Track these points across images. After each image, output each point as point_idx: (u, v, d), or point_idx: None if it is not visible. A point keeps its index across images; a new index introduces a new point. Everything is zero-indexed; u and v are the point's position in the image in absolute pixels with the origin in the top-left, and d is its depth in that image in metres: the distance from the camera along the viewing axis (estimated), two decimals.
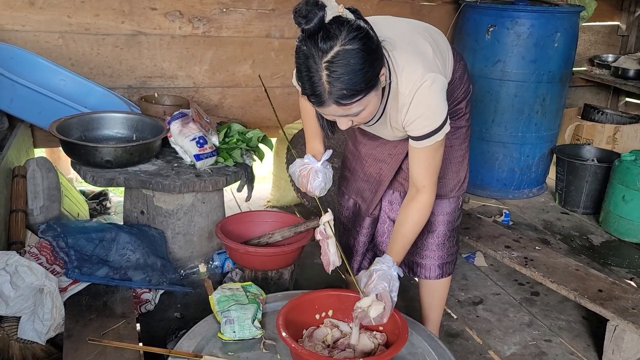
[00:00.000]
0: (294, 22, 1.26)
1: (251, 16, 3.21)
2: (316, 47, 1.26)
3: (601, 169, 3.35)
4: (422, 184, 1.59)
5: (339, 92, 1.29)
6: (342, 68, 1.27)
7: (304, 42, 1.28)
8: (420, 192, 1.60)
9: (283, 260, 2.09)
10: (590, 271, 2.38)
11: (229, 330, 1.57)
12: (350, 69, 1.27)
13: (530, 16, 3.28)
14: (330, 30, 1.25)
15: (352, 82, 1.29)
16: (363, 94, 1.33)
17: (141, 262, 2.11)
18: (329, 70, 1.27)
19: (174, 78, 3.16)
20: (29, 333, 1.76)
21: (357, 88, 1.30)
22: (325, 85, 1.29)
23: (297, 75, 1.34)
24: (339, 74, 1.27)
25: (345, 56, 1.26)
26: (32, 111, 2.51)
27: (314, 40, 1.26)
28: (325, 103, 1.32)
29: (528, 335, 2.33)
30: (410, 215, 1.62)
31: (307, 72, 1.29)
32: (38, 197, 2.31)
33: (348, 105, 1.33)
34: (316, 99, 1.33)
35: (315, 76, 1.28)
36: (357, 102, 1.33)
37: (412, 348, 1.59)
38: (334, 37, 1.26)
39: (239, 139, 2.46)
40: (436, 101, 1.49)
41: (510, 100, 3.42)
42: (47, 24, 2.83)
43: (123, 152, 2.19)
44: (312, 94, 1.32)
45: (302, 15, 1.24)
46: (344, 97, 1.31)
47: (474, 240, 2.67)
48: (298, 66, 1.32)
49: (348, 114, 1.38)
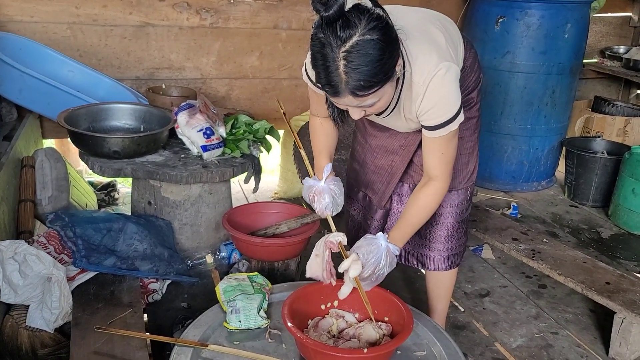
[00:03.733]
0: (312, 9, 1.21)
1: (258, 7, 3.20)
2: (334, 35, 1.22)
3: (611, 162, 3.32)
4: (435, 173, 1.58)
5: (356, 82, 1.26)
6: (360, 59, 1.23)
7: (321, 29, 1.24)
8: (433, 179, 1.59)
9: (289, 251, 2.09)
10: (598, 264, 2.36)
11: (234, 320, 1.58)
12: (369, 59, 1.24)
13: (540, 7, 3.24)
14: (349, 19, 1.22)
15: (370, 74, 1.26)
16: (380, 85, 1.30)
17: (148, 253, 2.13)
18: (347, 60, 1.23)
19: (182, 69, 3.16)
20: (38, 321, 1.78)
21: (374, 79, 1.28)
22: (342, 76, 1.26)
23: (312, 64, 1.31)
24: (356, 65, 1.24)
25: (364, 46, 1.23)
26: (40, 102, 2.52)
27: (333, 28, 1.22)
28: (340, 93, 1.30)
29: (535, 328, 2.32)
30: (419, 199, 1.61)
31: (323, 61, 1.26)
32: (46, 187, 2.32)
33: (364, 97, 1.31)
34: (331, 89, 1.30)
35: (332, 65, 1.25)
36: (373, 94, 1.31)
37: (417, 339, 1.59)
38: (354, 25, 1.22)
39: (246, 130, 2.47)
40: (450, 90, 1.47)
41: (519, 92, 3.40)
42: (55, 15, 2.83)
43: (131, 142, 2.20)
44: (327, 84, 1.29)
45: (321, 1, 1.20)
46: (361, 88, 1.28)
47: (482, 232, 2.66)
48: (313, 54, 1.28)
49: (362, 105, 1.36)
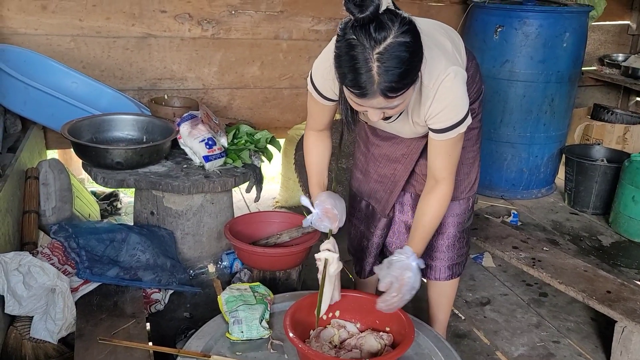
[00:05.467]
0: (345, 10, 1.22)
1: (259, 18, 3.23)
2: (368, 36, 1.23)
3: (611, 169, 3.33)
4: (442, 175, 1.59)
5: (388, 84, 1.27)
6: (393, 60, 1.24)
7: (352, 30, 1.25)
8: (440, 183, 1.60)
9: (291, 261, 2.10)
10: (599, 272, 2.37)
11: (236, 330, 1.59)
12: (401, 61, 1.25)
13: (538, 16, 3.27)
14: (383, 21, 1.23)
15: (402, 75, 1.27)
16: (408, 87, 1.32)
17: (151, 263, 2.14)
18: (380, 61, 1.24)
19: (184, 80, 3.18)
20: (42, 332, 1.79)
21: (405, 81, 1.29)
22: (375, 77, 1.26)
23: (336, 65, 1.31)
24: (388, 66, 1.24)
25: (398, 48, 1.24)
26: (44, 113, 2.54)
27: (367, 29, 1.23)
28: (370, 94, 1.29)
29: (536, 337, 2.33)
30: (431, 206, 1.62)
31: (352, 62, 1.26)
32: (50, 198, 2.34)
33: (393, 98, 1.31)
34: (360, 90, 1.29)
35: (364, 67, 1.25)
36: (401, 95, 1.32)
37: (419, 349, 1.60)
38: (388, 27, 1.23)
39: (248, 140, 2.48)
40: (459, 93, 1.49)
41: (518, 100, 3.42)
42: (59, 28, 2.86)
43: (133, 153, 2.22)
44: (355, 85, 1.29)
45: (356, 3, 1.21)
46: (392, 90, 1.29)
47: (482, 240, 2.67)
48: (339, 55, 1.28)
49: (388, 107, 1.36)
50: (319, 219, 1.68)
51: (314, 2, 3.31)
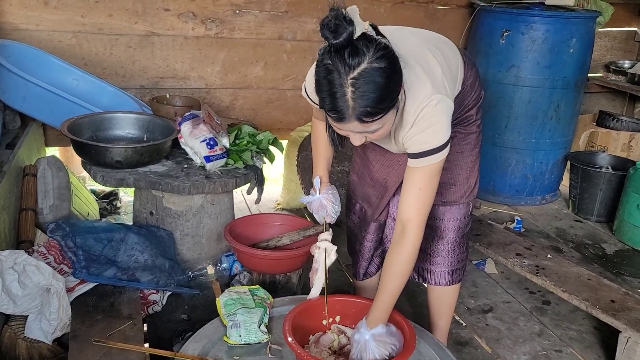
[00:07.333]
0: (321, 36, 1.24)
1: (264, 18, 3.20)
2: (343, 62, 1.24)
3: (615, 177, 3.30)
4: (408, 216, 1.49)
5: (363, 109, 1.27)
6: (367, 85, 1.25)
7: (328, 56, 1.26)
8: (405, 230, 1.49)
9: (291, 264, 2.08)
10: (602, 281, 2.34)
11: (234, 334, 1.56)
12: (376, 87, 1.26)
13: (545, 21, 3.24)
14: (358, 47, 1.24)
15: (377, 100, 1.27)
16: (385, 112, 1.32)
17: (149, 263, 2.11)
18: (354, 87, 1.25)
19: (186, 79, 3.16)
20: (36, 332, 1.76)
21: (380, 106, 1.29)
22: (349, 102, 1.27)
23: (316, 89, 1.32)
24: (363, 91, 1.25)
25: (372, 74, 1.25)
26: (44, 110, 2.51)
27: (341, 55, 1.24)
28: (346, 119, 1.30)
29: (538, 345, 2.30)
30: (397, 264, 1.51)
31: (329, 87, 1.27)
32: (48, 196, 2.31)
33: (369, 123, 1.31)
34: (337, 115, 1.30)
35: (339, 92, 1.26)
36: (378, 120, 1.32)
37: (420, 357, 1.57)
38: (362, 53, 1.24)
39: (250, 141, 2.45)
40: (439, 120, 1.46)
41: (524, 105, 3.39)
42: (61, 24, 2.84)
43: (133, 152, 2.19)
44: (332, 109, 1.30)
45: (331, 29, 1.22)
46: (367, 115, 1.29)
47: (485, 247, 2.64)
48: (319, 80, 1.30)
49: (366, 131, 1.36)
50: (319, 205, 1.74)
51: (319, 3, 3.28)
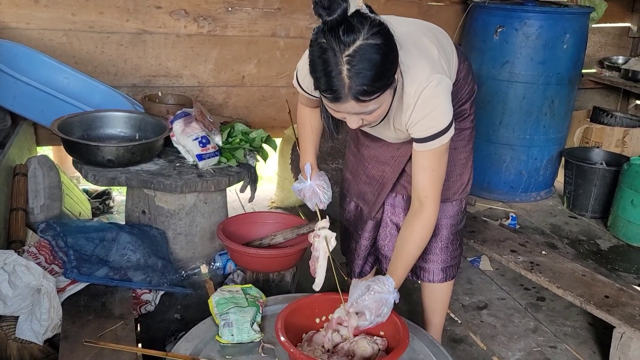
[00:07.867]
0: (314, 14, 1.21)
1: (257, 15, 3.19)
2: (337, 39, 1.21)
3: (610, 173, 3.30)
4: (425, 194, 1.52)
5: (360, 87, 1.25)
6: (363, 63, 1.22)
7: (322, 34, 1.23)
8: (424, 205, 1.53)
9: (285, 263, 2.06)
10: (597, 277, 2.34)
11: (227, 334, 1.55)
12: (372, 64, 1.23)
13: (539, 17, 3.24)
14: (352, 24, 1.21)
15: (373, 78, 1.25)
16: (382, 91, 1.29)
17: (142, 263, 2.09)
18: (350, 64, 1.22)
19: (179, 77, 3.14)
20: (27, 333, 1.75)
21: (377, 84, 1.27)
22: (345, 80, 1.24)
23: (310, 69, 1.29)
24: (359, 69, 1.23)
25: (367, 51, 1.22)
26: (35, 109, 2.49)
27: (335, 32, 1.21)
28: (342, 99, 1.28)
29: (533, 341, 2.30)
30: (414, 232, 1.56)
31: (324, 66, 1.24)
32: (39, 196, 2.29)
33: (366, 102, 1.29)
34: (333, 95, 1.27)
35: (334, 70, 1.23)
36: (375, 99, 1.29)
37: (414, 354, 1.56)
38: (357, 30, 1.21)
39: (243, 139, 2.44)
40: (442, 102, 1.45)
41: (518, 101, 3.38)
42: (51, 22, 2.82)
43: (125, 151, 2.17)
44: (328, 89, 1.27)
45: (324, 6, 1.19)
46: (364, 93, 1.26)
47: (480, 243, 2.63)
48: (313, 59, 1.27)
49: (363, 112, 1.33)
50: (312, 191, 1.69)
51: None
